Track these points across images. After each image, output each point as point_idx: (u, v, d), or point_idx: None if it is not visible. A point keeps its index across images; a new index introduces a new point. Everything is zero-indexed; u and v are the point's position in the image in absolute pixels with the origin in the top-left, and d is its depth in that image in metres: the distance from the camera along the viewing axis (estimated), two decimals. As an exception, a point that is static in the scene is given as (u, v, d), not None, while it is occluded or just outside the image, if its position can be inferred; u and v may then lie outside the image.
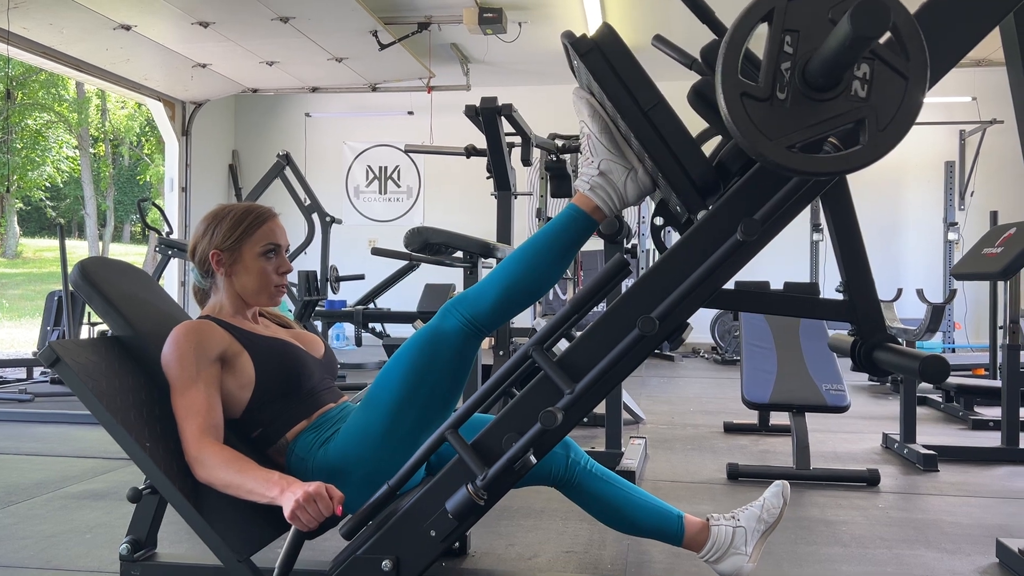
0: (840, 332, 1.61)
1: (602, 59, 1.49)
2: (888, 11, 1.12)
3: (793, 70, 1.23)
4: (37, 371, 6.48)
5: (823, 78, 1.20)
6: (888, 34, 1.20)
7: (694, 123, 1.52)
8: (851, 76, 1.21)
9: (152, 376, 1.75)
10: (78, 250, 23.65)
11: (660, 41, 1.73)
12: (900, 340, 4.83)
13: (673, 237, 1.65)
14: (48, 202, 27.68)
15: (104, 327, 6.59)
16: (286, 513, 1.51)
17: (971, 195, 8.56)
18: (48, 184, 24.43)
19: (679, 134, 1.47)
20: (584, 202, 1.61)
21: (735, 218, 1.42)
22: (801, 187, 1.39)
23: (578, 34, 1.53)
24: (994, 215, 5.35)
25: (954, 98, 8.18)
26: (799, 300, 1.57)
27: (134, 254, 26.20)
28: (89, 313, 6.61)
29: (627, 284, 3.70)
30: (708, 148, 1.58)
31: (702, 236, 1.47)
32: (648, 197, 1.65)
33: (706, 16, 1.54)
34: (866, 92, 1.22)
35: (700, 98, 1.50)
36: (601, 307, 4.62)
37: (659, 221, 1.61)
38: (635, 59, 1.49)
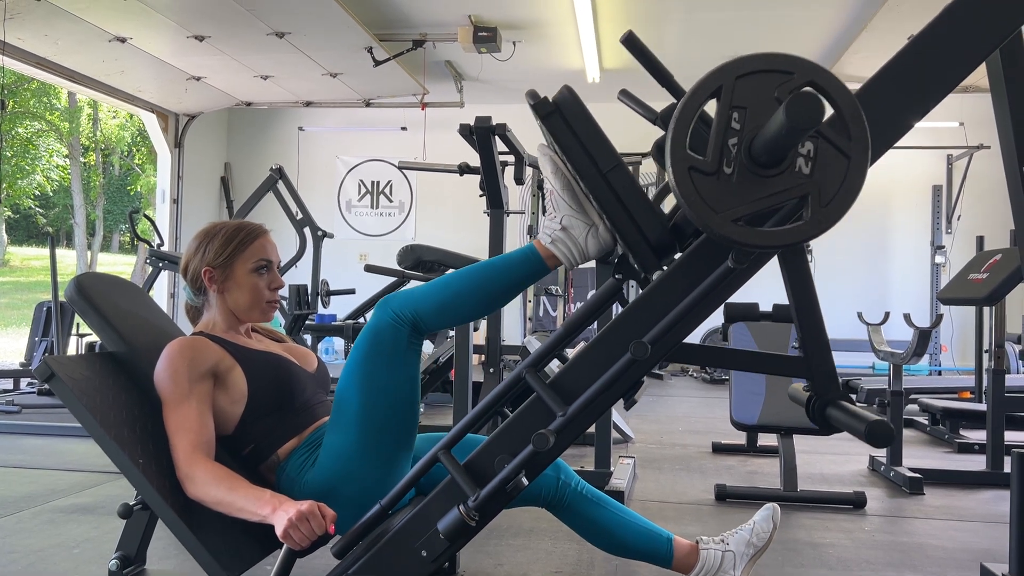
0: (799, 383, 1.65)
1: (562, 122, 1.54)
2: (820, 107, 1.17)
3: (740, 146, 1.27)
4: (24, 382, 6.44)
5: (767, 156, 1.25)
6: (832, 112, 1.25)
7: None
8: (796, 154, 1.26)
9: (145, 392, 1.76)
10: (66, 259, 23.51)
11: (625, 95, 1.79)
12: (879, 372, 4.85)
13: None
14: (37, 210, 27.55)
15: (92, 339, 6.56)
16: (278, 531, 1.52)
17: (958, 219, 8.64)
18: (37, 192, 24.32)
19: (636, 196, 1.53)
20: (543, 249, 1.65)
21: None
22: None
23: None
24: (980, 240, 5.41)
25: (942, 123, 8.27)
26: (758, 356, 1.62)
27: (122, 264, 26.08)
28: (78, 324, 6.58)
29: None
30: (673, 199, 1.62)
31: (686, 268, 1.50)
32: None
33: (665, 80, 1.59)
34: (810, 169, 1.26)
35: (661, 153, 1.55)
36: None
37: (619, 276, 1.65)
38: (595, 122, 1.54)
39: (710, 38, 7.25)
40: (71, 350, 6.43)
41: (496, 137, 3.73)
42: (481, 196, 4.01)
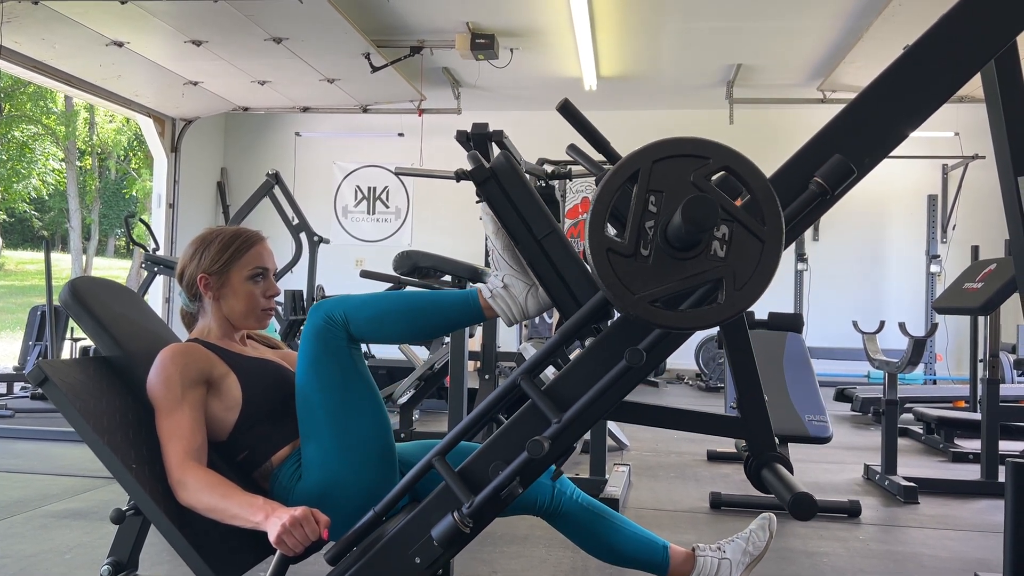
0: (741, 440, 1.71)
1: (498, 188, 1.58)
2: (715, 209, 1.20)
3: (656, 229, 1.29)
4: (17, 386, 6.42)
5: (681, 241, 1.27)
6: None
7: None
8: (711, 237, 1.28)
9: (139, 397, 1.75)
10: (61, 263, 23.47)
11: (574, 151, 1.83)
12: (874, 381, 4.84)
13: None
14: (33, 214, 27.49)
15: (87, 343, 6.54)
16: (272, 538, 1.51)
17: (953, 228, 8.67)
18: (33, 196, 24.28)
19: (571, 262, 1.56)
20: (483, 302, 1.68)
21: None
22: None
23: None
24: (975, 249, 5.43)
25: (937, 133, 8.30)
26: (699, 416, 1.66)
27: (118, 268, 26.03)
28: (72, 328, 6.57)
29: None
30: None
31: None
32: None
33: (602, 147, 1.63)
34: (725, 252, 1.28)
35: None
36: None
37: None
38: (530, 188, 1.58)
39: (707, 47, 7.27)
40: (65, 354, 6.41)
41: (493, 144, 3.73)
42: (478, 202, 4.02)
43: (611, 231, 1.33)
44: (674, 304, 1.31)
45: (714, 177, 1.29)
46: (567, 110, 1.59)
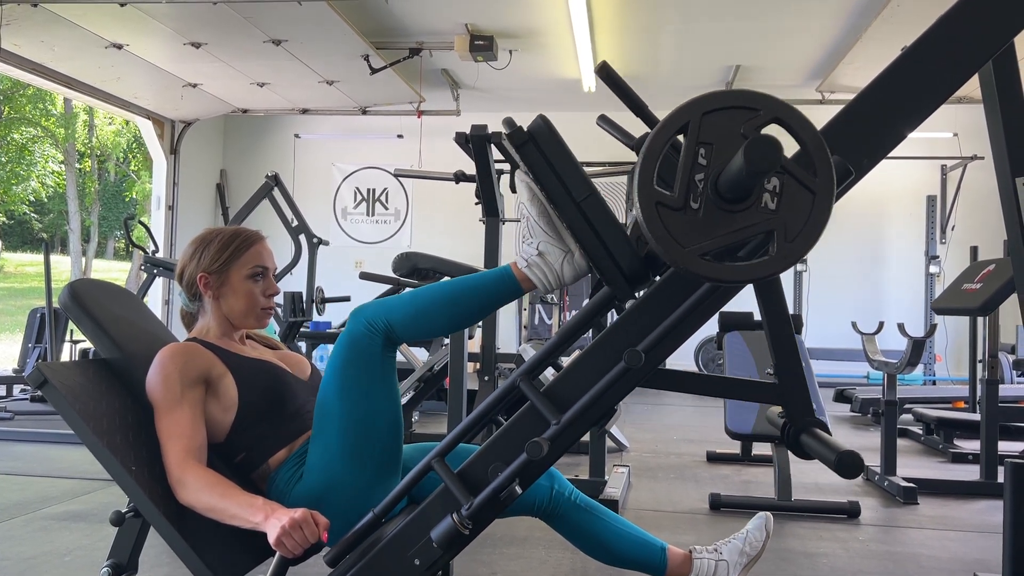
0: (776, 408, 1.67)
1: (537, 151, 1.55)
2: (778, 150, 1.18)
3: (706, 181, 1.28)
4: (17, 388, 6.42)
5: (732, 192, 1.26)
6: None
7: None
8: (762, 189, 1.27)
9: (139, 399, 1.75)
10: (61, 265, 23.47)
11: (604, 121, 1.80)
12: (873, 382, 4.83)
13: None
14: (32, 216, 27.50)
15: (86, 345, 6.54)
16: (271, 539, 1.51)
17: (952, 229, 8.68)
18: (32, 198, 24.28)
19: (610, 225, 1.54)
20: (519, 273, 1.66)
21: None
22: (719, 287, 1.45)
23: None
24: (974, 250, 5.43)
25: (936, 134, 8.31)
26: (734, 383, 1.63)
27: (117, 270, 26.03)
28: (72, 331, 6.57)
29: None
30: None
31: (681, 278, 1.50)
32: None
33: (640, 110, 1.60)
34: (776, 205, 1.27)
35: None
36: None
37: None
38: (568, 151, 1.55)
39: (706, 48, 7.28)
40: (64, 356, 6.41)
41: (492, 145, 3.74)
42: (477, 204, 4.02)
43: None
44: (724, 258, 1.30)
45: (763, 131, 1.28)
46: (605, 71, 1.56)
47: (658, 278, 1.55)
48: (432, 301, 1.69)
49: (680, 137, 1.30)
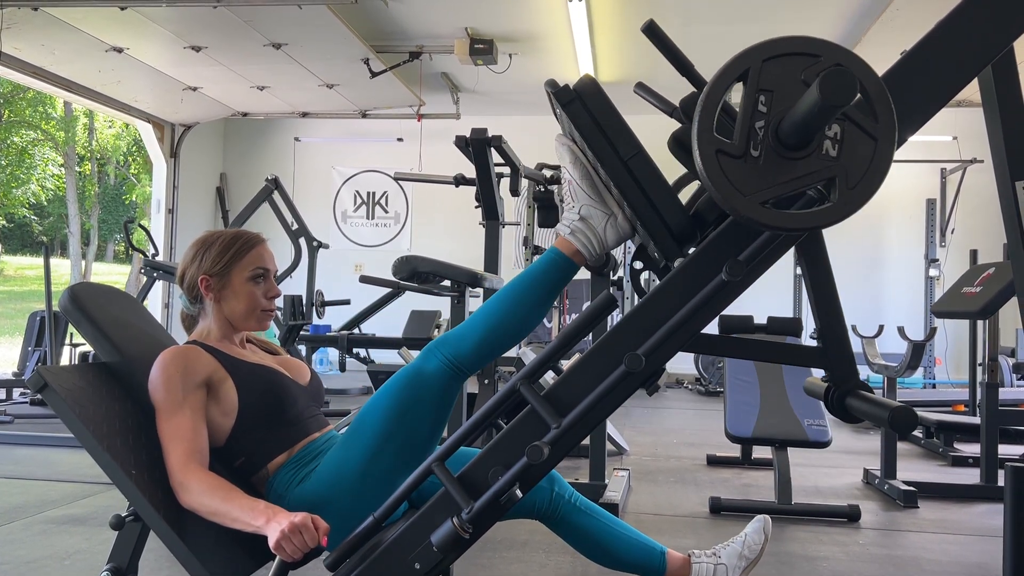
0: (815, 377, 1.63)
1: (583, 109, 1.53)
2: (855, 81, 1.15)
3: (767, 129, 1.27)
4: (17, 392, 6.41)
5: (795, 138, 1.24)
6: (858, 96, 1.24)
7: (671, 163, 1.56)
8: (822, 136, 1.25)
9: (139, 403, 1.75)
10: (60, 268, 23.46)
11: (642, 88, 1.78)
12: (872, 385, 4.85)
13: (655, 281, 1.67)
14: (32, 219, 27.50)
15: (86, 348, 6.54)
16: (271, 543, 1.51)
17: (952, 232, 8.68)
18: (32, 202, 24.29)
19: (657, 183, 1.51)
20: (565, 246, 1.64)
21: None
22: (775, 239, 1.43)
23: (562, 82, 1.57)
24: (974, 253, 5.43)
25: (935, 137, 8.31)
26: (775, 346, 1.60)
27: (117, 274, 26.02)
28: (72, 334, 6.56)
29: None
30: (687, 192, 1.62)
31: (681, 281, 1.50)
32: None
33: (686, 69, 1.58)
34: (837, 152, 1.26)
35: (679, 145, 1.54)
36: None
37: (638, 265, 1.64)
38: (615, 109, 1.53)
39: (705, 52, 7.26)
40: (64, 360, 6.41)
41: (492, 149, 3.74)
42: (477, 207, 4.02)
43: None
44: (784, 205, 1.28)
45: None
46: (652, 31, 1.53)
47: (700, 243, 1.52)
48: (493, 323, 1.68)
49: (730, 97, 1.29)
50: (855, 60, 1.24)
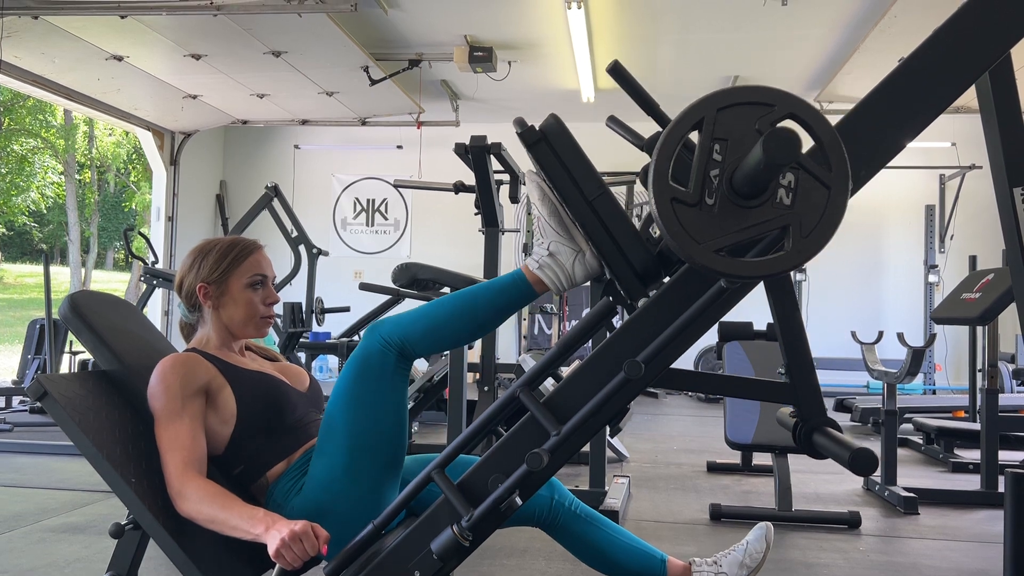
0: (787, 407, 1.66)
1: (549, 150, 1.56)
2: (797, 143, 1.18)
3: (721, 177, 1.28)
4: (16, 400, 6.40)
5: (748, 187, 1.26)
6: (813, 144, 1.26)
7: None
8: (777, 185, 1.27)
9: (139, 411, 1.75)
10: (60, 276, 23.46)
11: (614, 122, 1.81)
12: (873, 391, 4.83)
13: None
14: (32, 227, 27.51)
15: (86, 357, 6.54)
16: (271, 551, 1.51)
17: (951, 238, 8.69)
18: (32, 209, 24.30)
19: (622, 223, 1.54)
20: (531, 275, 1.66)
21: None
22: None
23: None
24: (973, 259, 5.44)
25: (934, 143, 8.33)
26: (743, 381, 1.63)
27: (117, 281, 26.02)
28: (71, 342, 6.56)
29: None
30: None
31: (680, 288, 1.51)
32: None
33: (651, 109, 1.60)
34: (791, 200, 1.27)
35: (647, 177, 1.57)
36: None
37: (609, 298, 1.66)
38: (580, 149, 1.56)
39: (704, 58, 7.30)
40: (64, 368, 6.41)
41: (491, 156, 3.74)
42: (476, 214, 4.02)
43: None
44: (738, 253, 1.30)
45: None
46: (617, 71, 1.57)
47: (667, 279, 1.54)
48: (446, 313, 1.69)
49: (694, 135, 1.31)
50: (809, 110, 1.26)
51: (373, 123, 9.03)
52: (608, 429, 1.59)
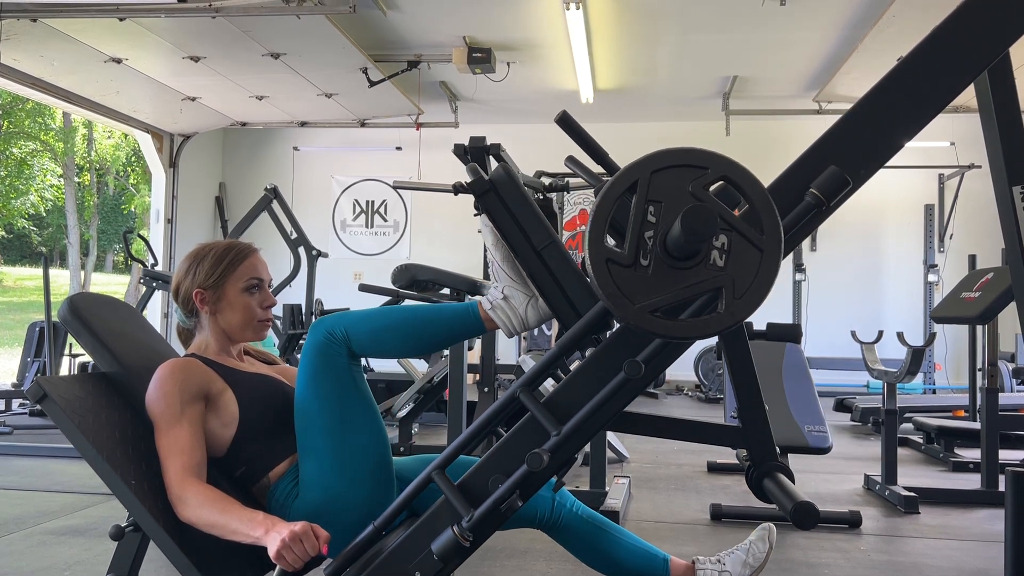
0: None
1: (497, 200, 1.59)
2: (714, 218, 1.21)
3: (656, 239, 1.30)
4: (16, 402, 6.40)
5: (681, 250, 1.27)
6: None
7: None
8: (710, 247, 1.28)
9: (138, 413, 1.75)
10: (60, 279, 23.45)
11: (572, 162, 1.84)
12: (873, 391, 4.82)
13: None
14: (32, 230, 27.51)
15: (85, 359, 6.53)
16: (271, 553, 1.51)
17: (950, 238, 8.69)
18: (31, 212, 24.29)
19: (570, 273, 1.57)
20: (484, 314, 1.68)
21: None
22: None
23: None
24: (972, 258, 5.44)
25: (933, 143, 8.33)
26: (699, 426, 1.65)
27: (116, 284, 26.01)
28: (71, 344, 6.56)
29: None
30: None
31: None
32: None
33: (600, 158, 1.64)
34: (724, 262, 1.29)
35: None
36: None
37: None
38: (529, 199, 1.59)
39: (703, 59, 7.30)
40: (64, 370, 6.40)
41: (490, 157, 3.74)
42: (476, 215, 4.03)
43: (610, 242, 1.34)
44: (674, 314, 1.31)
45: (712, 187, 1.30)
46: (565, 122, 1.60)
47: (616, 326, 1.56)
48: (392, 322, 1.71)
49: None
50: (741, 172, 1.28)
51: (372, 124, 9.03)
52: (555, 480, 1.63)
